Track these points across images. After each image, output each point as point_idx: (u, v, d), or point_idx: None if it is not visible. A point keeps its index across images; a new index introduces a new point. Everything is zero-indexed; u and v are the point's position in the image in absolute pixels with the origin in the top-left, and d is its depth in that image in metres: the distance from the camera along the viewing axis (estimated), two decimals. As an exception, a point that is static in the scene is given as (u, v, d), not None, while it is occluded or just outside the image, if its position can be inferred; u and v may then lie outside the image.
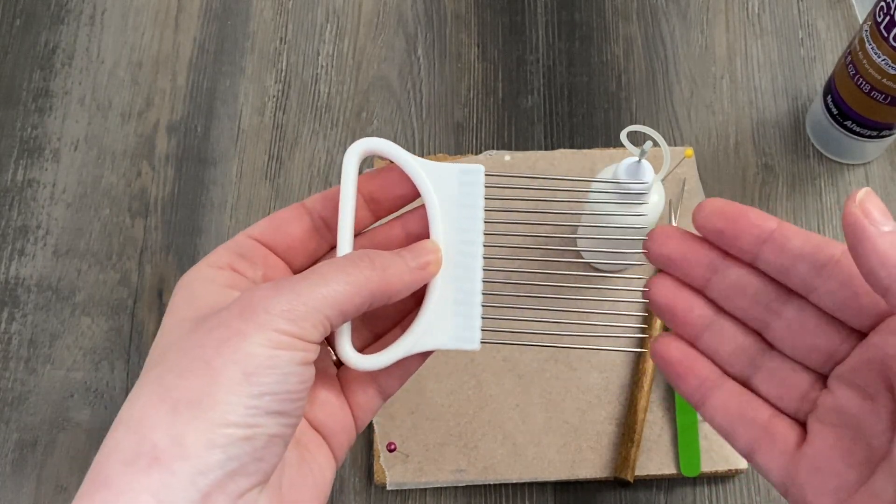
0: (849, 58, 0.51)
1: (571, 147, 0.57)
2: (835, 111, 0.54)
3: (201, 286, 0.34)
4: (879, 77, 0.49)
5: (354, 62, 0.59)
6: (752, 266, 0.34)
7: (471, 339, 0.36)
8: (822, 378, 0.34)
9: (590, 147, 0.56)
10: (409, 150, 0.56)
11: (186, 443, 0.29)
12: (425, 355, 0.37)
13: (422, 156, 0.56)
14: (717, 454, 0.48)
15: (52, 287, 0.53)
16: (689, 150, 0.53)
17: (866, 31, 0.49)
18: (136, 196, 0.55)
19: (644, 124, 0.56)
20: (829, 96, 0.54)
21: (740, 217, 0.33)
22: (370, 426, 0.48)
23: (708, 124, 0.57)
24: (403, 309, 0.38)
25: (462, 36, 0.60)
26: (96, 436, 0.50)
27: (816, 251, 0.32)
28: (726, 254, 0.35)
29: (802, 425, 0.34)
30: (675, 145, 0.57)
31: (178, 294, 0.34)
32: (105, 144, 0.57)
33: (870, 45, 0.48)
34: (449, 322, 0.36)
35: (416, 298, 0.36)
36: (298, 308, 0.31)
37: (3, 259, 0.53)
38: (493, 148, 0.57)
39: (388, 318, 0.38)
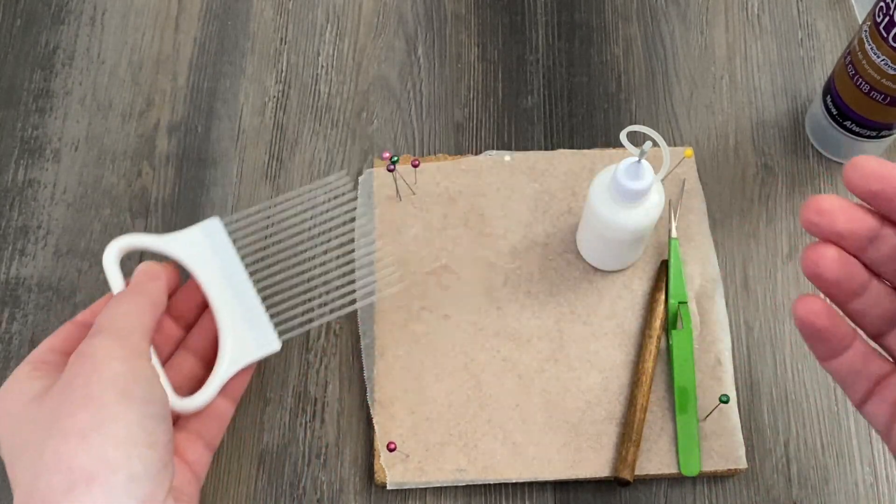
0: (848, 58, 0.51)
1: (571, 147, 0.57)
2: (834, 111, 0.54)
3: (15, 399, 0.39)
4: (879, 77, 0.49)
5: (354, 62, 0.59)
6: None
7: (270, 342, 0.45)
8: None
9: (590, 147, 0.57)
10: (409, 150, 0.56)
11: (109, 457, 0.35)
12: (235, 390, 0.45)
13: (422, 156, 0.56)
14: (717, 454, 0.48)
15: (52, 287, 0.53)
16: (689, 151, 0.53)
17: (865, 31, 0.49)
18: (136, 196, 0.55)
19: (644, 125, 0.56)
20: (829, 96, 0.54)
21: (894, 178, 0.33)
22: (370, 426, 0.48)
23: (707, 124, 0.57)
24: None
25: (462, 36, 0.60)
26: (97, 435, 0.50)
27: None
28: (884, 218, 0.34)
29: None
30: (675, 145, 0.57)
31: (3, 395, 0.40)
32: (105, 144, 0.57)
33: (869, 45, 0.48)
34: (249, 339, 0.45)
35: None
36: (119, 336, 0.39)
37: (3, 259, 0.54)
38: (492, 148, 0.57)
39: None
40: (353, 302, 0.48)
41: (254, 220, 0.48)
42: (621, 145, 0.55)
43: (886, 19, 0.46)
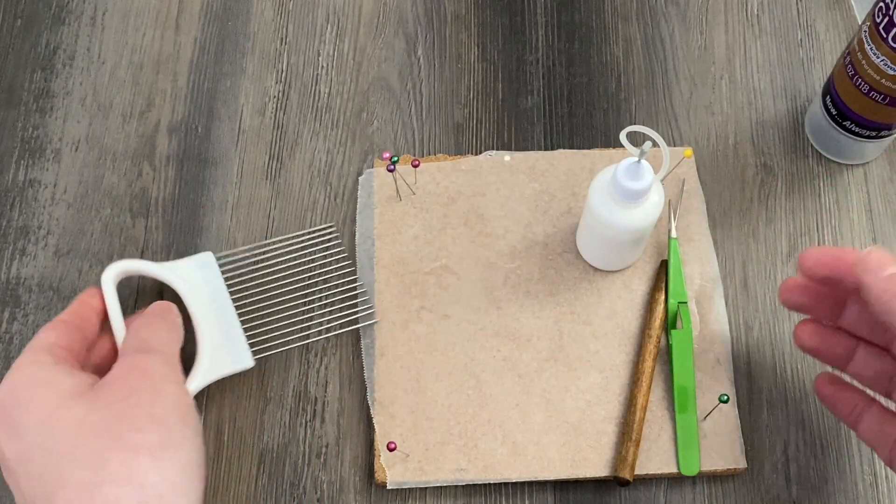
0: (848, 58, 0.51)
1: (571, 147, 0.57)
2: (833, 111, 0.54)
3: (51, 376, 0.41)
4: (878, 77, 0.49)
5: (355, 63, 0.59)
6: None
7: (244, 360, 0.49)
8: None
9: (589, 147, 0.57)
10: (409, 150, 0.56)
11: (175, 482, 0.37)
12: None
13: (422, 156, 0.56)
14: (717, 453, 0.48)
15: (53, 287, 0.53)
16: (689, 151, 0.53)
17: (865, 31, 0.49)
18: (136, 196, 0.55)
19: (643, 125, 0.56)
20: (828, 97, 0.54)
21: (837, 262, 0.39)
22: (370, 426, 0.49)
23: (707, 125, 0.58)
24: None
25: (462, 36, 0.60)
26: (97, 435, 0.50)
27: None
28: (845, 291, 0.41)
29: None
30: (675, 146, 0.57)
31: (24, 389, 0.40)
32: (106, 145, 0.57)
33: (868, 45, 0.48)
34: (225, 357, 0.49)
35: None
36: (169, 360, 0.43)
37: (4, 259, 0.54)
38: (492, 148, 0.57)
39: None
40: (329, 331, 0.52)
41: (243, 258, 0.53)
42: (621, 145, 0.55)
43: (886, 20, 0.47)
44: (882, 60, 0.48)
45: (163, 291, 0.53)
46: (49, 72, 0.59)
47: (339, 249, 0.53)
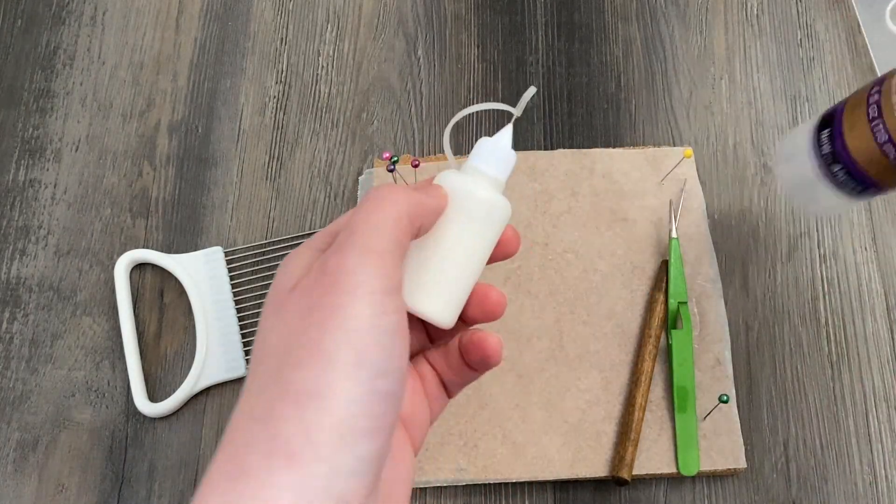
0: (875, 96, 0.41)
1: (571, 147, 0.57)
2: (827, 150, 0.44)
3: (296, 263, 0.33)
4: None
5: (355, 63, 0.59)
6: None
7: (237, 368, 0.50)
8: None
9: (589, 147, 0.57)
10: (409, 150, 0.56)
11: (318, 441, 0.29)
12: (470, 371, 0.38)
13: (422, 156, 0.56)
14: (716, 453, 0.48)
15: (53, 287, 0.53)
16: (688, 151, 0.53)
17: None
18: (137, 196, 0.55)
19: (643, 124, 0.56)
20: (828, 130, 0.44)
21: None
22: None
23: (707, 124, 0.58)
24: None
25: (462, 37, 0.60)
26: (98, 435, 0.50)
27: None
28: None
29: None
30: (675, 145, 0.57)
31: (279, 275, 0.34)
32: (106, 145, 0.57)
33: None
34: (220, 361, 0.50)
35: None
36: (370, 257, 0.31)
37: (4, 259, 0.54)
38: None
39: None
40: None
41: (249, 255, 0.53)
42: (621, 145, 0.56)
43: None
44: None
45: (164, 290, 0.53)
46: (49, 72, 0.59)
47: None
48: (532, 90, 0.37)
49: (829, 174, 0.44)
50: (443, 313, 0.35)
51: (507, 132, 0.37)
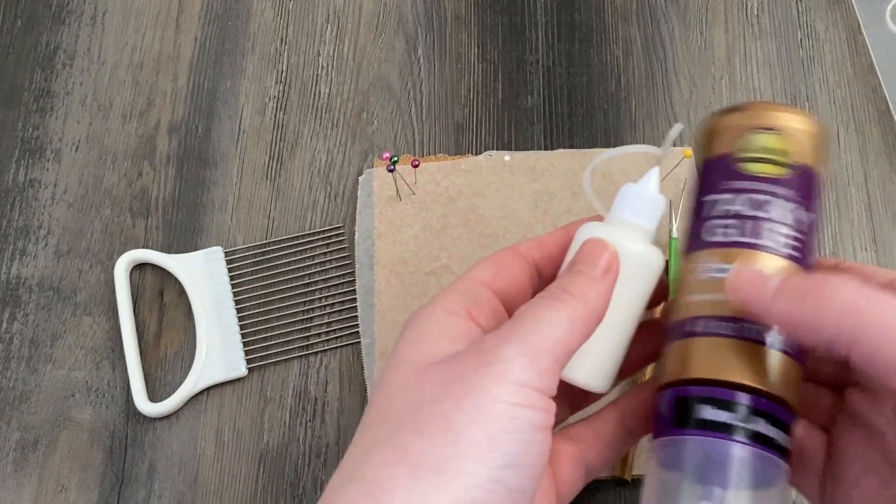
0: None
1: (571, 147, 0.57)
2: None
3: (432, 328, 0.32)
4: None
5: (355, 63, 0.59)
6: None
7: (238, 368, 0.50)
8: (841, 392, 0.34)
9: (590, 147, 0.57)
10: (409, 150, 0.56)
11: None
12: (634, 437, 0.36)
13: (422, 156, 0.56)
14: (717, 453, 0.48)
15: (53, 287, 0.53)
16: (688, 151, 0.53)
17: None
18: (137, 196, 0.55)
19: (643, 124, 0.56)
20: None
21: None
22: (370, 426, 0.48)
23: (707, 125, 0.58)
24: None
25: (462, 37, 0.60)
26: (98, 435, 0.50)
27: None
28: None
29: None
30: (675, 146, 0.57)
31: (407, 333, 0.32)
32: (106, 145, 0.57)
33: None
34: (220, 362, 0.50)
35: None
36: (531, 353, 0.29)
37: (4, 259, 0.54)
38: (492, 148, 0.57)
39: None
40: (330, 332, 0.52)
41: (249, 256, 0.53)
42: (621, 144, 0.56)
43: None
44: None
45: (163, 290, 0.53)
46: (49, 72, 0.59)
47: (341, 248, 0.53)
48: (679, 126, 0.35)
49: None
50: (598, 379, 0.33)
51: (653, 176, 0.35)
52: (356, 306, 0.52)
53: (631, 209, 0.35)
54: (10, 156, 0.56)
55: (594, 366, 0.33)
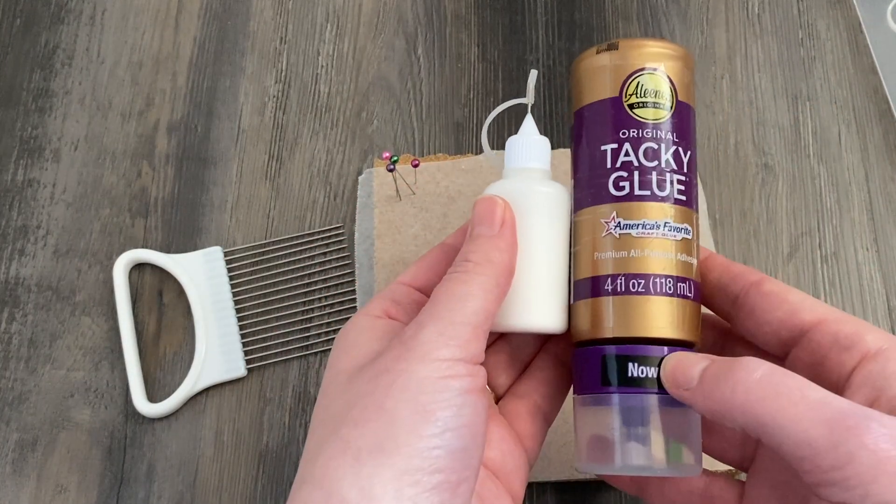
0: None
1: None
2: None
3: (357, 336, 0.34)
4: None
5: (354, 62, 0.59)
6: None
7: (237, 368, 0.50)
8: None
9: (590, 147, 0.56)
10: (409, 150, 0.56)
11: (375, 494, 0.28)
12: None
13: (421, 156, 0.56)
14: (717, 454, 0.48)
15: (52, 287, 0.53)
16: None
17: None
18: (136, 196, 0.55)
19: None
20: None
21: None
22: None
23: (708, 124, 0.57)
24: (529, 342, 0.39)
25: (462, 36, 0.60)
26: (97, 435, 0.50)
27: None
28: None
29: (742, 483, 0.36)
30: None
31: (337, 346, 0.34)
32: (105, 144, 0.57)
33: None
34: (219, 362, 0.49)
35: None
36: (449, 329, 0.31)
37: (3, 259, 0.53)
38: (493, 148, 0.57)
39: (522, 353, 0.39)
40: (330, 332, 0.52)
41: (248, 256, 0.53)
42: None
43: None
44: None
45: (163, 290, 0.53)
46: (48, 71, 0.59)
47: (341, 248, 0.53)
48: (534, 73, 0.38)
49: None
50: (554, 320, 0.35)
51: (528, 123, 0.38)
52: (356, 306, 0.51)
53: (521, 156, 0.37)
54: (8, 155, 0.56)
55: (541, 308, 0.34)
